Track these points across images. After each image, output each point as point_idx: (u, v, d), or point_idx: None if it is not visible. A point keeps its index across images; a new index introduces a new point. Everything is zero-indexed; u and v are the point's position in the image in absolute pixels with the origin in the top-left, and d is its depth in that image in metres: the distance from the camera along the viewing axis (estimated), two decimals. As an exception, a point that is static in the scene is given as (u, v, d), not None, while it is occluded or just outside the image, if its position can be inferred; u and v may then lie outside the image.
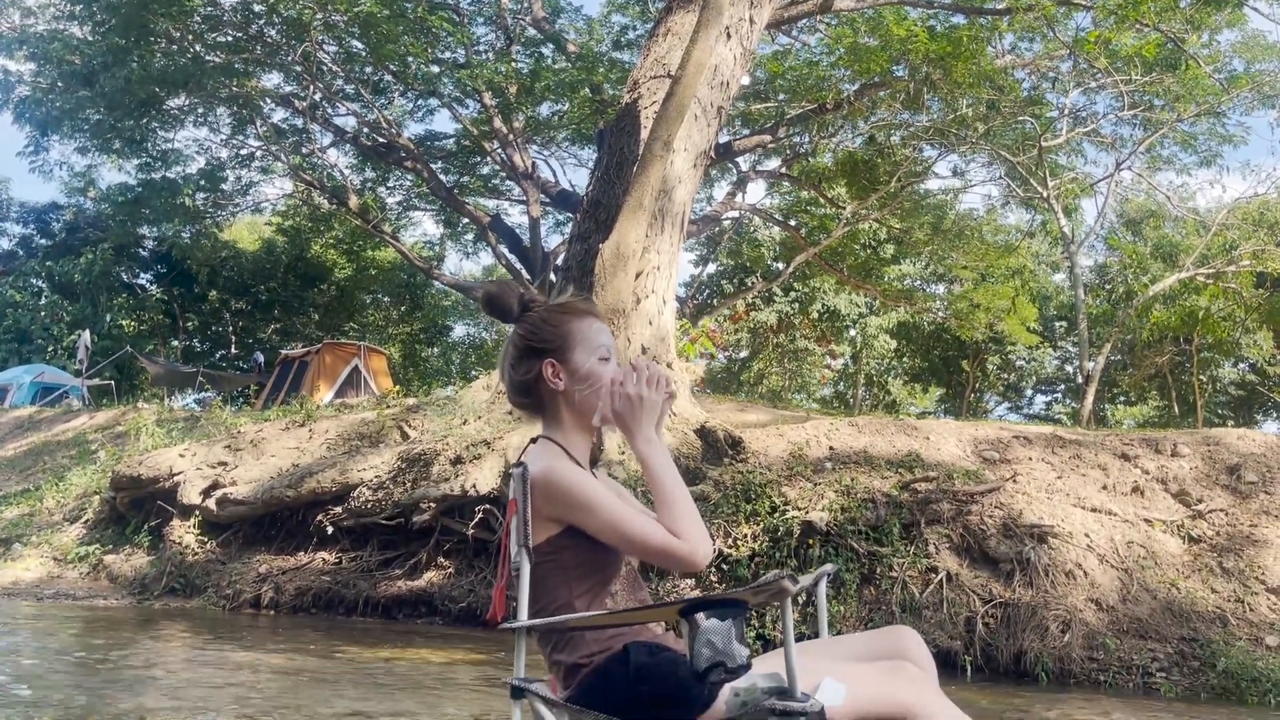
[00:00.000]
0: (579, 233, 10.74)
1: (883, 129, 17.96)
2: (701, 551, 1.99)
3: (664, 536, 1.99)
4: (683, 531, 2.00)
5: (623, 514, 2.03)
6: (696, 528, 2.01)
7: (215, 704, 4.07)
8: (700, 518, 2.05)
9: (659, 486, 2.06)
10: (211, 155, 21.53)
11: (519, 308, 2.27)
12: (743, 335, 27.52)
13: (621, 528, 2.02)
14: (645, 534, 2.01)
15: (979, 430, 8.76)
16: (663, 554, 2.00)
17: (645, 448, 2.09)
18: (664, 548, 1.99)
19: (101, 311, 28.16)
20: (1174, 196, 21.01)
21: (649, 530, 2.01)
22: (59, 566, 10.08)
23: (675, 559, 1.99)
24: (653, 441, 2.10)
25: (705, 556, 2.00)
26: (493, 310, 2.31)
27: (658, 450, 2.09)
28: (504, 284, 2.39)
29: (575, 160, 23.41)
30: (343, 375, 20.36)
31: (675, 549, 1.98)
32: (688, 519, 2.02)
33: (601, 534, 2.04)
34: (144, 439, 12.20)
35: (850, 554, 6.93)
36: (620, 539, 2.02)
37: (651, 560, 2.04)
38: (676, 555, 1.99)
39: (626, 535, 2.02)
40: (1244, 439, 8.32)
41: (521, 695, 2.01)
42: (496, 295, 2.31)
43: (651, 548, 2.00)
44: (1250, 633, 6.29)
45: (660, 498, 2.05)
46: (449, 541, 8.49)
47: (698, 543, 1.99)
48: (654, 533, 2.00)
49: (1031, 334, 25.10)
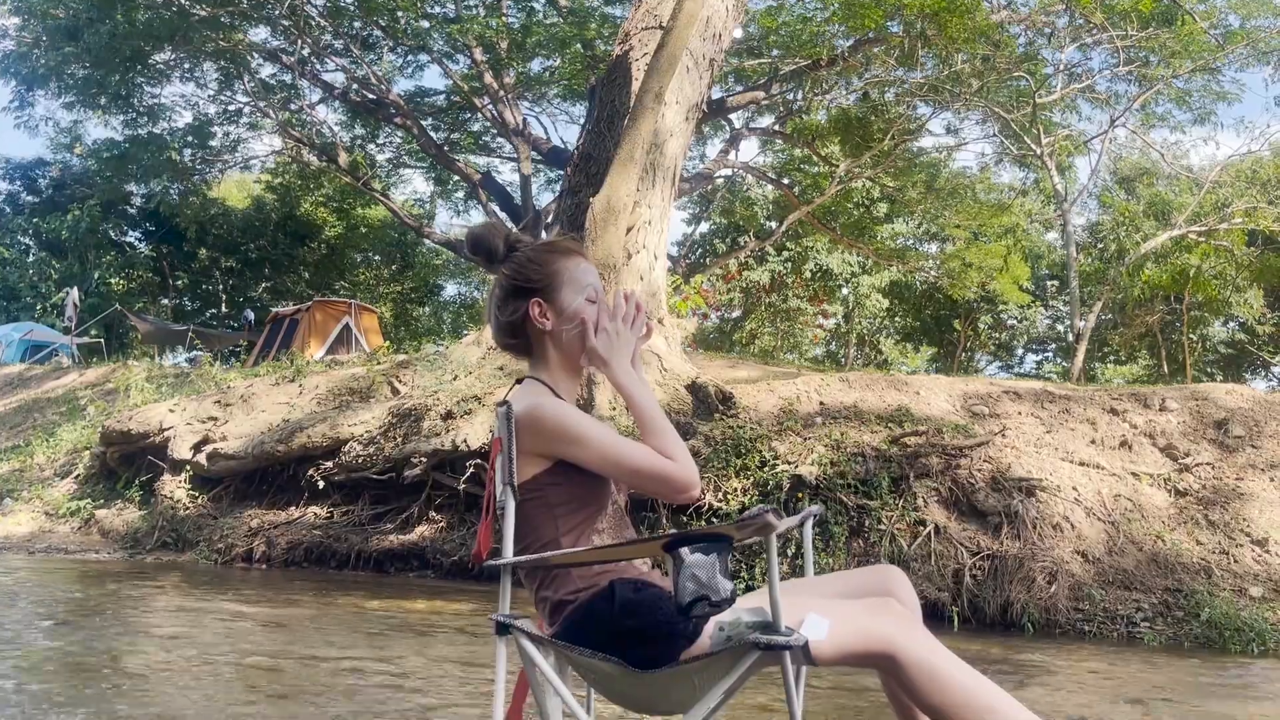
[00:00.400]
0: (569, 187, 10.66)
1: (877, 86, 17.82)
2: (694, 475, 1.99)
3: (657, 459, 1.99)
4: (674, 454, 2.00)
5: (614, 440, 2.03)
6: (685, 452, 2.02)
7: (208, 653, 4.10)
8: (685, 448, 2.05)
9: (643, 414, 2.06)
10: (199, 111, 21.32)
11: (505, 248, 2.24)
12: (735, 295, 27.46)
13: (614, 454, 2.01)
14: (638, 457, 2.00)
15: (969, 385, 8.78)
16: (657, 476, 1.99)
17: (624, 379, 2.09)
18: (658, 470, 1.99)
19: (89, 269, 27.97)
20: (1168, 154, 20.94)
21: (641, 454, 2.00)
22: (50, 521, 10.09)
23: (670, 481, 1.99)
24: (631, 373, 2.10)
25: (698, 483, 1.99)
26: (477, 251, 2.27)
27: (637, 382, 2.09)
28: (489, 225, 2.35)
29: (567, 117, 23.29)
30: (334, 333, 20.28)
31: (670, 470, 1.98)
32: (677, 444, 2.02)
33: (593, 464, 2.03)
34: (134, 395, 12.18)
35: (839, 507, 6.97)
36: (613, 465, 2.02)
37: (645, 485, 2.03)
38: (671, 476, 1.98)
39: (619, 460, 2.01)
40: (1231, 394, 8.36)
41: (506, 631, 2.01)
42: (481, 236, 2.28)
43: (645, 470, 1.99)
44: (1234, 584, 6.36)
45: (645, 425, 2.05)
46: (440, 496, 8.51)
47: (689, 466, 2.00)
48: (647, 456, 2.00)
49: (1023, 293, 25.11)
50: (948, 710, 1.85)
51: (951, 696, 1.84)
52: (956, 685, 1.84)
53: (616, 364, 2.10)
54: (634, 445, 2.03)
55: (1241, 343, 29.04)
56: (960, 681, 1.85)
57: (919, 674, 1.86)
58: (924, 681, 1.86)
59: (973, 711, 1.83)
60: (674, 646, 1.93)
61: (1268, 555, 6.57)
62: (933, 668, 1.86)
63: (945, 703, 1.85)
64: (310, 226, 30.47)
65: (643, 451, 2.01)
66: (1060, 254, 27.53)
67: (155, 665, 3.72)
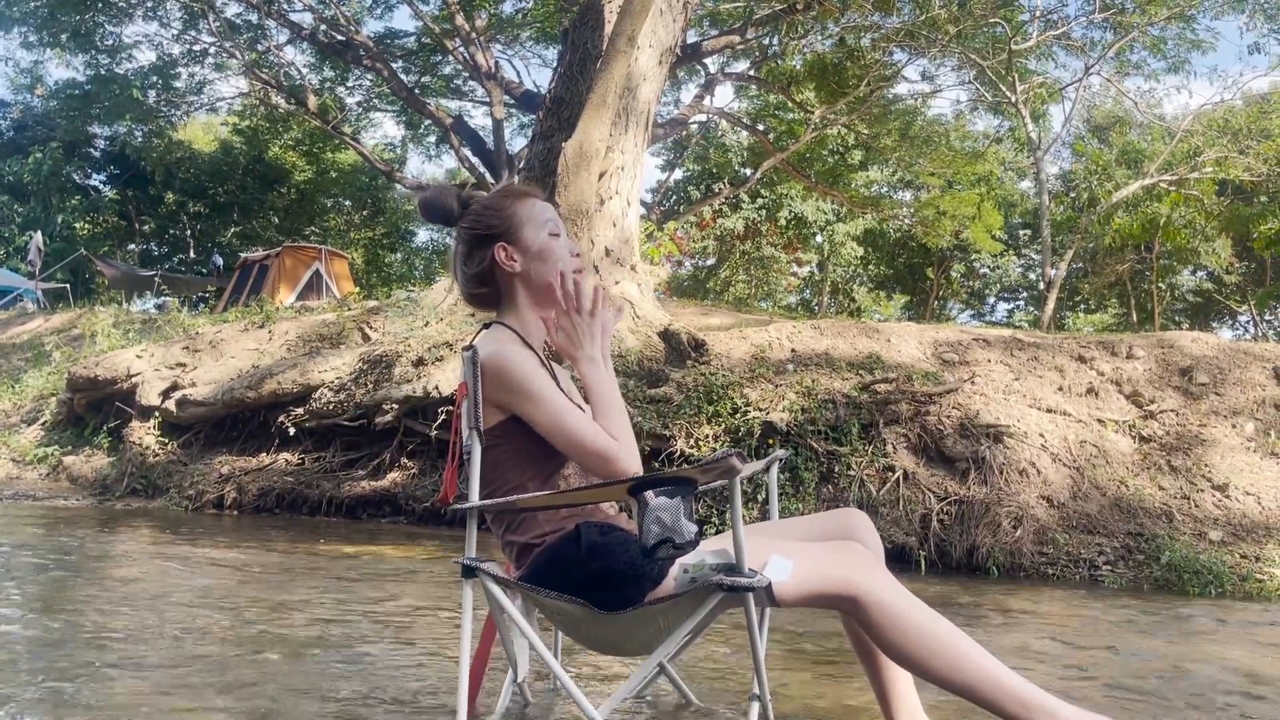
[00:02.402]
0: (541, 131, 10.55)
1: (853, 31, 17.66)
2: (634, 463, 1.98)
3: (601, 435, 1.99)
4: (619, 435, 2.00)
5: (565, 409, 2.02)
6: (630, 437, 2.02)
7: (169, 597, 4.10)
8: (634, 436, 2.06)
9: (598, 395, 2.06)
10: (163, 51, 20.83)
11: (459, 206, 2.25)
12: (709, 242, 27.41)
13: (562, 423, 2.01)
14: (583, 430, 2.00)
15: (939, 333, 8.83)
16: (598, 454, 1.98)
17: (585, 367, 2.10)
18: (600, 448, 1.98)
19: (53, 213, 27.50)
20: (1141, 102, 20.98)
21: (587, 429, 2.00)
22: (17, 468, 10.01)
23: (609, 459, 1.97)
24: (595, 361, 2.09)
25: (636, 469, 1.98)
26: (432, 215, 2.27)
27: (599, 369, 2.09)
28: (438, 188, 2.36)
29: (540, 60, 23.10)
30: (304, 279, 20.10)
31: (610, 449, 1.98)
32: (624, 428, 2.03)
33: (541, 426, 2.03)
34: (101, 341, 12.05)
35: (809, 453, 7.03)
36: (559, 432, 2.01)
37: (584, 460, 2.01)
38: (610, 457, 1.97)
39: (564, 429, 2.00)
40: (1197, 342, 8.46)
41: (473, 575, 2.02)
42: (433, 199, 2.28)
43: (588, 446, 1.99)
44: (1194, 528, 6.49)
45: (597, 404, 2.05)
46: (412, 442, 8.50)
47: (631, 451, 2.00)
48: (592, 431, 2.00)
49: (996, 241, 25.23)
50: (907, 650, 1.89)
51: (911, 638, 1.88)
52: (915, 626, 1.88)
53: (579, 354, 2.10)
54: (582, 418, 2.03)
55: (1209, 292, 29.38)
56: (919, 623, 1.88)
57: (880, 616, 1.89)
58: (885, 623, 1.89)
59: (931, 652, 1.87)
60: (639, 589, 1.95)
61: (1227, 500, 6.69)
62: (894, 609, 1.90)
63: (905, 643, 1.88)
64: (279, 171, 30.05)
65: (590, 427, 2.01)
66: (1033, 202, 27.62)
67: (120, 611, 3.72)
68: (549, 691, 2.69)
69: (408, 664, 3.05)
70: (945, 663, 1.87)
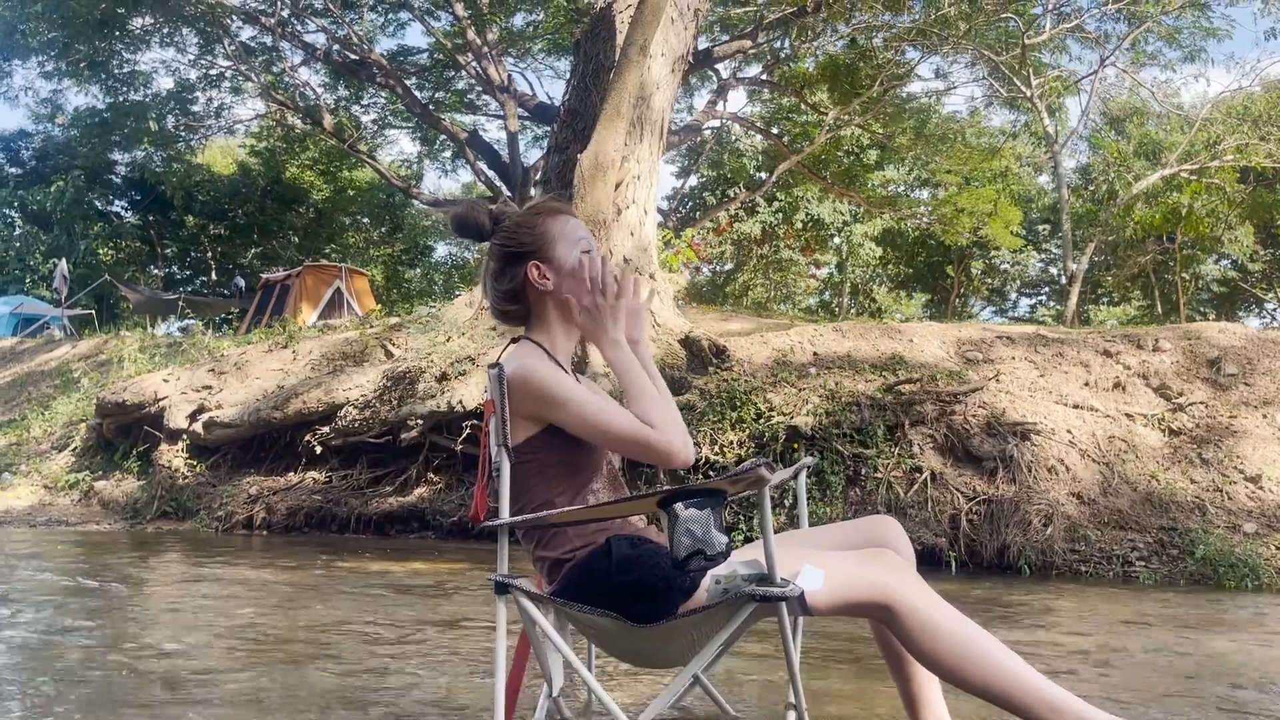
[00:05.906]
0: (556, 144, 10.58)
1: (864, 31, 17.61)
2: (678, 441, 1.97)
3: (637, 425, 1.98)
4: (655, 421, 1.98)
5: (596, 406, 2.02)
6: (669, 417, 2.00)
7: (203, 616, 4.13)
8: (679, 415, 2.04)
9: (626, 381, 2.05)
10: (180, 77, 21.04)
11: (491, 222, 2.25)
12: (726, 247, 27.36)
13: (594, 419, 2.00)
14: (618, 423, 1.99)
15: (962, 331, 8.79)
16: (636, 442, 1.97)
17: (610, 351, 2.09)
18: (636, 436, 1.97)
19: (77, 240, 27.79)
20: (1158, 93, 20.81)
21: (622, 419, 1.99)
22: (50, 494, 10.12)
23: (650, 447, 1.96)
24: (619, 344, 2.09)
25: (683, 448, 1.96)
26: (464, 232, 2.27)
27: (624, 352, 2.08)
28: (471, 203, 2.36)
29: (552, 72, 23.07)
30: (325, 297, 20.23)
31: (648, 436, 1.96)
32: (660, 409, 2.00)
33: (575, 428, 2.02)
34: (127, 366, 12.17)
35: (835, 456, 7.00)
36: (593, 431, 2.01)
37: (628, 452, 2.01)
38: (650, 442, 1.96)
39: (598, 426, 2.00)
40: (1224, 332, 8.38)
41: (506, 591, 2.02)
42: (465, 216, 2.28)
43: (625, 437, 1.98)
44: (1228, 521, 6.42)
45: (628, 391, 2.04)
46: (438, 457, 8.54)
47: (672, 431, 1.97)
48: (627, 422, 1.99)
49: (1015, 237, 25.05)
50: (941, 657, 1.87)
51: (944, 645, 1.86)
52: (949, 633, 1.87)
53: (604, 338, 2.09)
54: (616, 411, 2.02)
55: (1234, 280, 29.06)
56: (952, 630, 1.87)
57: (913, 623, 1.88)
58: (918, 630, 1.88)
59: (965, 659, 1.86)
60: (671, 600, 1.95)
61: (1261, 491, 6.62)
62: (927, 617, 1.88)
63: (939, 650, 1.87)
64: (297, 190, 30.25)
65: (623, 417, 2.00)
66: (1051, 197, 27.44)
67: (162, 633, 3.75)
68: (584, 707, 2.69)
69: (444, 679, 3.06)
70: (979, 669, 1.85)
